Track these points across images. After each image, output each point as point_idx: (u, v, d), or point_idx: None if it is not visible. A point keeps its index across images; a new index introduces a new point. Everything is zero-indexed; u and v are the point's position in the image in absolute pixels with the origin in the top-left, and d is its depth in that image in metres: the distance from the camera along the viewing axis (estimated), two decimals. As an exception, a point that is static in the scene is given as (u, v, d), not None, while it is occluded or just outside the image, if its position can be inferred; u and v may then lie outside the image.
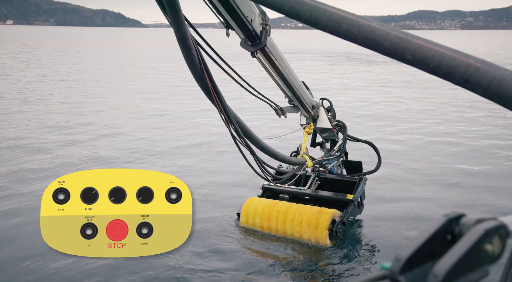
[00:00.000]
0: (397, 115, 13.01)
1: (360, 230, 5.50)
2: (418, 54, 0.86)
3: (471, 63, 0.82)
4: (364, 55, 39.35)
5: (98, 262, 4.40)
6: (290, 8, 0.96)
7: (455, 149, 9.27)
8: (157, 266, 4.47)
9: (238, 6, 3.18)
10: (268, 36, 3.69)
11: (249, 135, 3.84)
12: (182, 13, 2.66)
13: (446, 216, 0.58)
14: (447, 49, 0.84)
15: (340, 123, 5.72)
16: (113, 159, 8.32)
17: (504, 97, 0.79)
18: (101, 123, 11.39)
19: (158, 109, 13.52)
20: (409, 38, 0.87)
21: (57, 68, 25.58)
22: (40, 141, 9.48)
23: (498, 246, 0.56)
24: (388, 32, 0.89)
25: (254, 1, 1.16)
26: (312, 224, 4.86)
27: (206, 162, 8.20)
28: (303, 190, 5.41)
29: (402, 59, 0.88)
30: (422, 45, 0.86)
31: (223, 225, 5.48)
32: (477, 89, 0.82)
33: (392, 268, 0.54)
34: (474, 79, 0.81)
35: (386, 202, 6.32)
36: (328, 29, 0.94)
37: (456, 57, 0.83)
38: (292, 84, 4.55)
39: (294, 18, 0.98)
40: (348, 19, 0.92)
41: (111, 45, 61.53)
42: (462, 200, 6.44)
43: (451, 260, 0.52)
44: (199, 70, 3.02)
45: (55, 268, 4.43)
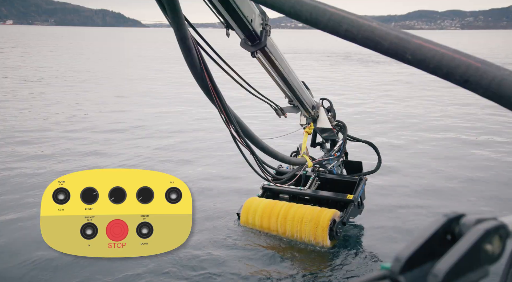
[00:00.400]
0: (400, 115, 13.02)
1: (360, 230, 5.51)
2: (418, 54, 0.86)
3: (471, 63, 0.82)
4: (364, 55, 39.36)
5: (97, 262, 4.40)
6: (290, 8, 0.96)
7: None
8: (156, 266, 4.47)
9: (238, 6, 3.17)
10: (268, 36, 3.68)
11: (249, 135, 3.84)
12: (182, 13, 2.66)
13: (446, 216, 0.58)
14: (447, 49, 0.84)
15: (340, 124, 5.71)
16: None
17: (504, 97, 0.79)
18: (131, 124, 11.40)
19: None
20: (409, 38, 0.87)
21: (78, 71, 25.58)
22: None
23: (498, 246, 0.56)
24: (388, 32, 0.89)
25: (254, 1, 1.16)
26: (312, 224, 4.86)
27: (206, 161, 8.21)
28: (303, 190, 5.41)
29: (402, 59, 0.88)
30: (422, 45, 0.86)
31: (223, 225, 5.48)
32: (477, 89, 0.82)
33: (392, 268, 0.54)
34: (474, 79, 0.81)
35: (387, 201, 6.32)
36: (328, 29, 0.94)
37: (456, 57, 0.83)
38: (292, 84, 4.55)
39: (294, 18, 0.98)
40: (348, 19, 0.92)
41: (124, 46, 61.45)
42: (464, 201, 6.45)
43: (451, 260, 0.52)
44: (199, 70, 3.02)
45: (55, 268, 4.43)
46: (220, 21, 3.37)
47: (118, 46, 59.17)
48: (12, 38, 74.96)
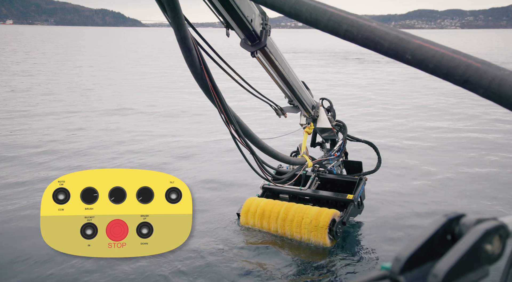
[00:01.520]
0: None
1: (360, 230, 5.50)
2: (418, 54, 0.86)
3: (471, 63, 0.82)
4: (366, 55, 39.36)
5: (97, 262, 4.40)
6: (290, 8, 0.96)
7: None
8: (156, 267, 4.47)
9: (238, 6, 3.18)
10: (268, 36, 3.69)
11: (249, 135, 3.84)
12: (182, 12, 2.66)
13: (446, 216, 0.58)
14: (446, 49, 0.84)
15: (340, 123, 5.72)
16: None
17: (504, 98, 0.79)
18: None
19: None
20: (409, 38, 0.87)
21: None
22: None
23: (498, 246, 0.56)
24: (388, 32, 0.89)
25: (254, 1, 1.16)
26: (312, 224, 4.86)
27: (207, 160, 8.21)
28: (303, 190, 5.41)
29: (402, 59, 0.88)
30: (422, 45, 0.86)
31: (223, 225, 5.48)
32: (477, 89, 0.81)
33: (392, 268, 0.54)
34: (474, 79, 0.81)
35: (388, 200, 6.32)
36: (328, 29, 0.94)
37: (456, 57, 0.83)
38: (292, 84, 4.55)
39: (294, 18, 0.97)
40: (348, 19, 0.92)
41: (138, 48, 61.35)
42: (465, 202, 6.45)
43: (451, 260, 0.52)
44: (199, 70, 3.02)
45: (54, 268, 4.43)
46: (220, 21, 3.37)
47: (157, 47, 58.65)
48: (46, 39, 74.26)
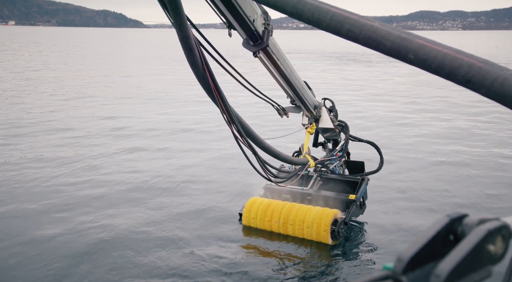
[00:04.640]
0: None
1: (363, 230, 5.49)
2: (420, 54, 0.85)
3: (473, 63, 0.81)
4: (366, 55, 39.29)
5: (96, 261, 4.40)
6: (292, 8, 0.96)
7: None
8: (155, 265, 4.47)
9: (240, 6, 3.17)
10: (270, 36, 3.68)
11: (251, 135, 3.84)
12: (184, 13, 2.66)
13: (448, 216, 0.58)
14: (449, 49, 0.84)
15: (342, 124, 5.70)
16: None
17: (507, 97, 0.78)
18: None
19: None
20: (411, 38, 0.87)
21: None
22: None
23: (501, 247, 0.56)
24: (390, 32, 0.88)
25: (256, 1, 1.15)
26: (314, 224, 4.86)
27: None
28: (305, 190, 5.41)
29: (405, 59, 0.88)
30: (424, 45, 0.85)
31: (224, 225, 5.48)
32: (479, 89, 0.81)
33: (394, 268, 0.54)
34: (476, 79, 0.81)
35: (388, 200, 6.31)
36: (330, 29, 0.94)
37: (458, 57, 0.83)
38: (294, 84, 4.55)
39: (296, 18, 0.97)
40: (350, 19, 0.91)
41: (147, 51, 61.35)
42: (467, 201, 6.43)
43: (454, 260, 0.52)
44: (201, 70, 3.02)
45: (54, 267, 4.44)
46: (222, 21, 3.37)
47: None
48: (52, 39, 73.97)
